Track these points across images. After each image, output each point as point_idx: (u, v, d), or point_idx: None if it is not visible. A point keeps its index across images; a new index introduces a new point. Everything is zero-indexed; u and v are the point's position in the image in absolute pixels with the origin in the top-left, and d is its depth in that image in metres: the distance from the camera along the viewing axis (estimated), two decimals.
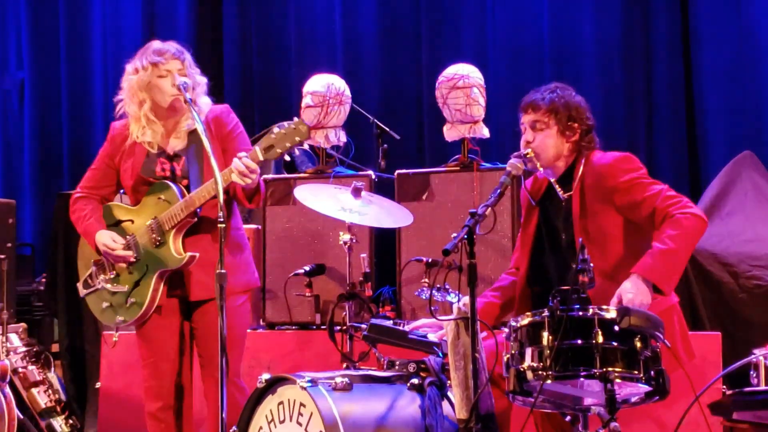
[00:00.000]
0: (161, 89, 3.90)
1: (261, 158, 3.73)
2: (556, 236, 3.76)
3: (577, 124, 3.73)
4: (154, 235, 3.89)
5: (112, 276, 3.98)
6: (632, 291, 3.40)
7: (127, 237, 3.95)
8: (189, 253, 3.86)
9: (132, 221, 3.97)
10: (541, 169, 3.76)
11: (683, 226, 3.49)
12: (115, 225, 4.00)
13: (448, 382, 3.56)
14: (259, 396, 3.66)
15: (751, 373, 4.00)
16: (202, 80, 4.01)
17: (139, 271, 3.93)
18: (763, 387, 3.88)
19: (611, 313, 3.22)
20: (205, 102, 4.01)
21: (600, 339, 3.19)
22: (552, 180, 3.78)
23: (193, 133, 3.93)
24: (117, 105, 4.03)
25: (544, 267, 3.76)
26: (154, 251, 3.89)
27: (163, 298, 3.92)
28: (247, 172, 3.70)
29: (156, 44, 3.97)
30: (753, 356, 3.96)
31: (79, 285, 4.10)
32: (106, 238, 3.95)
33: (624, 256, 3.63)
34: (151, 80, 3.90)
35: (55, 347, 6.37)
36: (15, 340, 5.59)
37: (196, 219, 3.88)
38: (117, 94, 4.05)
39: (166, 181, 3.91)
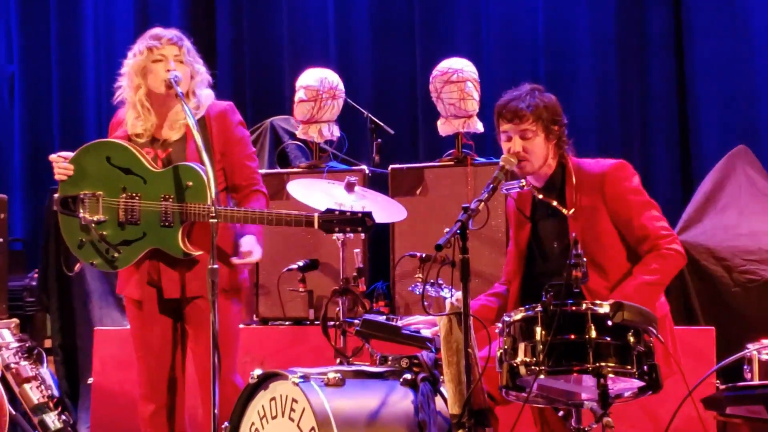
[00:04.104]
0: (155, 74, 3.84)
1: (315, 227, 3.75)
2: (548, 245, 3.75)
3: (557, 127, 3.72)
4: (166, 215, 3.80)
5: (103, 219, 3.85)
6: None
7: (124, 195, 3.83)
8: (197, 252, 3.80)
9: (144, 180, 3.84)
10: (524, 182, 3.75)
11: (668, 263, 3.61)
12: (125, 171, 3.86)
13: (441, 377, 3.54)
14: (251, 392, 3.64)
15: (745, 367, 4.00)
16: (202, 69, 3.95)
17: (133, 234, 3.84)
18: (756, 381, 3.88)
19: (604, 308, 3.21)
20: (206, 94, 3.96)
21: (593, 334, 3.18)
22: (539, 196, 3.76)
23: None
24: (115, 89, 3.98)
25: (537, 278, 3.75)
26: (159, 227, 3.81)
27: (147, 290, 3.88)
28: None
29: (156, 30, 3.93)
30: (746, 351, 3.96)
31: (57, 196, 3.92)
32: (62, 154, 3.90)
33: (619, 268, 3.64)
34: (146, 65, 3.85)
35: (48, 343, 6.34)
36: (7, 335, 5.57)
37: None
38: (109, 88, 4.04)
39: (203, 174, 3.74)
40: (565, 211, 3.69)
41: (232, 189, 3.98)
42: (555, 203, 3.71)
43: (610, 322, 3.18)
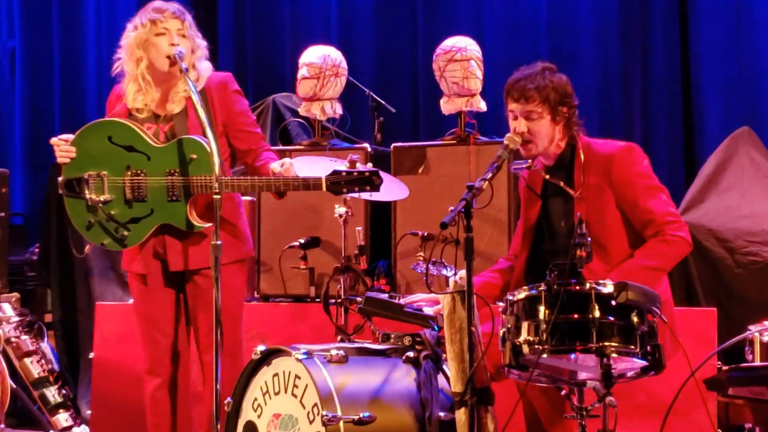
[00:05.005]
0: (158, 48, 3.83)
1: (323, 189, 3.69)
2: (555, 224, 3.75)
3: (566, 108, 3.69)
4: (173, 189, 3.80)
5: (110, 199, 3.83)
6: None
7: (128, 173, 3.83)
8: (206, 224, 3.78)
9: (148, 157, 3.83)
10: (530, 162, 3.74)
11: (671, 249, 3.58)
12: (128, 149, 3.85)
13: (444, 355, 3.55)
14: (254, 368, 3.66)
15: (746, 348, 4.01)
16: (202, 44, 3.94)
17: (141, 211, 3.83)
18: (758, 363, 3.89)
19: (608, 288, 3.21)
20: (205, 66, 3.95)
21: (597, 313, 3.17)
22: (546, 176, 3.75)
23: (191, 98, 3.82)
24: (114, 63, 3.95)
25: (544, 255, 3.75)
26: (166, 202, 3.81)
27: (152, 264, 3.89)
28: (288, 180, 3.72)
29: (157, 3, 3.91)
30: (748, 332, 3.97)
31: (61, 179, 3.90)
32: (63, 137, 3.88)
33: (622, 251, 3.63)
34: (148, 38, 3.83)
35: (48, 317, 6.35)
36: (8, 309, 5.57)
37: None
38: (110, 62, 4.00)
39: (207, 146, 3.70)
40: (571, 191, 3.68)
41: (241, 156, 3.98)
42: (562, 184, 3.71)
43: (614, 302, 3.19)
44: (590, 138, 3.77)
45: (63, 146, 3.88)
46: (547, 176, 3.75)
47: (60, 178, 3.91)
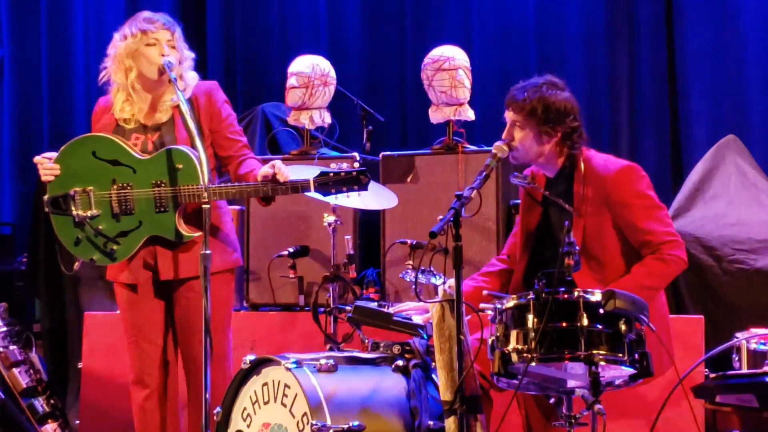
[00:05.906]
0: (148, 58, 3.84)
1: (311, 191, 3.72)
2: (557, 232, 3.75)
3: (559, 126, 3.67)
4: (160, 200, 3.80)
5: (97, 214, 3.84)
6: None
7: (115, 187, 3.83)
8: (195, 233, 3.78)
9: (133, 170, 3.84)
10: (529, 177, 3.75)
11: (668, 268, 3.60)
12: (113, 163, 3.85)
13: (433, 364, 3.56)
14: (244, 377, 3.66)
15: (734, 356, 4.03)
16: (190, 55, 3.96)
17: (129, 224, 3.83)
18: (745, 370, 3.91)
19: (596, 296, 3.24)
20: (191, 76, 3.97)
21: (585, 321, 3.20)
22: (541, 190, 3.76)
23: (178, 107, 3.83)
24: (101, 72, 3.95)
25: (547, 262, 3.75)
26: (154, 214, 3.81)
27: (142, 274, 3.89)
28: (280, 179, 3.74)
29: (147, 13, 3.93)
30: (735, 340, 3.98)
31: (47, 197, 3.90)
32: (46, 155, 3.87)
33: (617, 266, 3.64)
34: (138, 48, 3.84)
35: (37, 327, 6.33)
36: None
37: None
38: (98, 71, 3.99)
39: (192, 156, 3.74)
40: (569, 207, 3.67)
41: (223, 163, 4.00)
42: (560, 201, 3.69)
43: (601, 310, 3.21)
44: (592, 151, 3.76)
45: (46, 164, 3.89)
46: (546, 192, 3.74)
47: (45, 197, 3.91)
